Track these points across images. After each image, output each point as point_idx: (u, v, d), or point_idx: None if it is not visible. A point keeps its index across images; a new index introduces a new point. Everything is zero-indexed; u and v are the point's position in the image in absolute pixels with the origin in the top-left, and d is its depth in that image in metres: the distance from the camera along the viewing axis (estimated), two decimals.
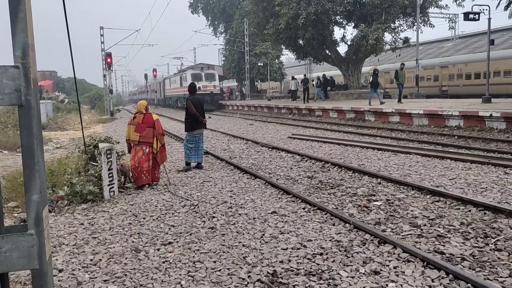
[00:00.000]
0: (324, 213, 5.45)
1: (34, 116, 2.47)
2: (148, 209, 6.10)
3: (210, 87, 36.83)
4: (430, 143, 11.30)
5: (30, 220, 2.53)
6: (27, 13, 2.40)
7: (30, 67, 2.43)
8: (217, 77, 38.00)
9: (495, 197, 5.86)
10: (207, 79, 36.92)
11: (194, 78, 35.13)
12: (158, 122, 7.56)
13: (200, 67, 38.13)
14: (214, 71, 39.50)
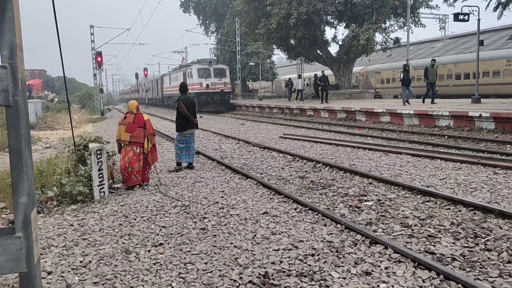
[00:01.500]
0: (316, 214, 5.45)
1: (22, 117, 2.43)
2: (138, 210, 6.05)
3: (220, 85, 32.00)
4: (420, 143, 11.37)
5: (18, 222, 2.50)
6: (14, 11, 2.36)
7: (17, 67, 2.39)
8: (227, 73, 33.18)
9: (485, 197, 5.90)
10: (217, 76, 32.06)
11: (202, 74, 31.54)
12: (149, 122, 7.50)
13: (208, 61, 33.05)
14: (225, 66, 34.52)
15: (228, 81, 32.73)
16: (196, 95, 30.26)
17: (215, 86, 31.60)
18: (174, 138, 13.58)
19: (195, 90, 30.74)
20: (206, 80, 31.29)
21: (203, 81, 31.15)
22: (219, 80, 31.97)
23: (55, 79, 63.93)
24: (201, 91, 31.04)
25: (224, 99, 32.00)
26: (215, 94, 31.43)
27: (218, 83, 31.83)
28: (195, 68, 32.04)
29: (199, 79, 31.22)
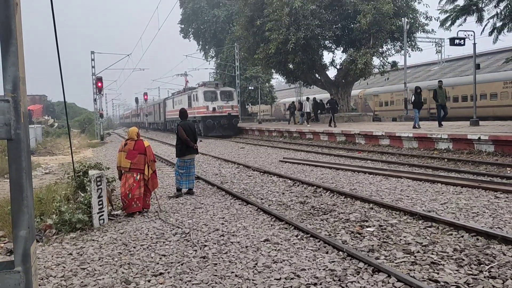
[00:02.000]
0: (317, 241, 5.40)
1: (23, 150, 2.43)
2: (138, 237, 5.99)
3: (227, 108, 30.46)
4: (420, 167, 11.36)
5: (17, 256, 2.47)
6: (18, 46, 2.39)
7: (20, 100, 2.41)
8: (235, 96, 32.12)
9: (487, 222, 5.86)
10: (224, 99, 30.67)
11: (208, 96, 30.15)
12: (149, 149, 7.51)
13: (214, 84, 31.61)
14: (232, 89, 33.12)
15: (235, 104, 31.51)
16: (202, 119, 29.70)
17: (222, 110, 30.19)
18: (174, 163, 13.58)
19: (201, 114, 30.06)
20: (213, 103, 30.06)
21: (209, 104, 30.01)
22: (226, 103, 30.62)
23: (55, 104, 64.37)
24: (207, 114, 29.91)
25: (231, 122, 30.42)
26: (222, 117, 30.03)
27: (225, 106, 30.43)
28: (201, 91, 30.64)
29: (205, 102, 30.09)
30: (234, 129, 30.99)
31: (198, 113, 30.41)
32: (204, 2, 41.67)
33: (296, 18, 23.82)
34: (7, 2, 2.30)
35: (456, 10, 14.07)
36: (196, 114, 30.86)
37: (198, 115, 30.57)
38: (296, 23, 24.00)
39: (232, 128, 30.74)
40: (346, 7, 24.27)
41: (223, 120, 30.00)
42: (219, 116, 29.93)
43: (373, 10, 22.77)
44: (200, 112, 30.20)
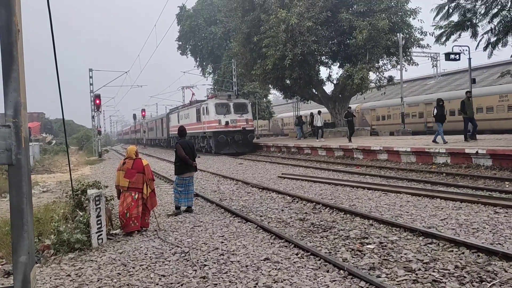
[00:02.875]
0: (318, 259, 5.37)
1: (24, 175, 2.44)
2: (137, 257, 5.95)
3: (242, 122, 27.49)
4: (419, 181, 11.37)
5: (17, 283, 2.45)
6: (20, 72, 2.41)
7: (21, 125, 2.42)
8: (250, 108, 28.76)
9: (487, 238, 5.85)
10: (237, 112, 27.61)
11: (220, 109, 27.31)
12: (148, 168, 7.50)
13: (226, 95, 28.50)
14: (246, 101, 30.30)
15: (250, 118, 28.27)
16: (214, 134, 27.12)
17: (235, 124, 27.29)
18: (172, 180, 13.54)
19: (212, 129, 27.31)
20: (225, 117, 27.18)
21: (221, 118, 27.11)
22: (240, 116, 27.62)
23: (53, 121, 64.45)
24: (219, 129, 26.99)
25: (246, 138, 27.47)
26: (236, 133, 27.12)
27: (239, 120, 27.48)
28: (212, 103, 27.66)
29: (217, 116, 27.17)
30: (249, 146, 28.06)
31: (209, 128, 27.72)
32: (201, 19, 42.13)
33: (292, 34, 24.06)
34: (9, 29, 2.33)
35: (451, 26, 14.26)
36: (207, 129, 28.21)
37: (208, 130, 27.92)
38: (293, 40, 24.23)
39: (247, 144, 27.81)
40: (342, 23, 24.54)
41: (237, 136, 27.13)
42: (232, 131, 27.13)
43: (369, 26, 23.03)
44: (211, 127, 27.49)
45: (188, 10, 44.12)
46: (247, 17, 27.91)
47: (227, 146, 26.94)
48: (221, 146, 26.86)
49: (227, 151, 26.78)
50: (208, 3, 42.67)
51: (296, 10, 23.60)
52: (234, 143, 27.16)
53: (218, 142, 26.76)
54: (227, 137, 26.84)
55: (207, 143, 29.15)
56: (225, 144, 26.87)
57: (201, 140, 30.37)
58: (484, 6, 13.48)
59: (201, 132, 29.24)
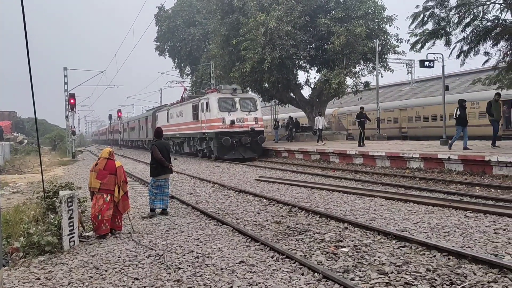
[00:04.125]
0: (293, 262, 5.38)
1: None
2: (110, 260, 5.84)
3: (250, 121, 23.18)
4: (393, 186, 11.56)
5: None
6: None
7: None
8: (259, 105, 24.53)
9: (458, 242, 5.99)
10: (245, 108, 23.46)
11: (224, 106, 23.02)
12: (121, 169, 7.37)
13: (231, 89, 23.97)
14: (254, 96, 26.26)
15: (259, 116, 23.86)
16: (216, 136, 22.57)
17: (242, 123, 22.95)
18: (148, 182, 13.38)
19: (214, 129, 22.75)
20: (230, 115, 22.82)
21: (226, 116, 22.74)
22: (248, 114, 23.30)
23: (25, 120, 62.84)
24: (223, 130, 22.51)
25: (256, 141, 22.94)
26: (244, 134, 22.69)
27: (246, 118, 23.15)
28: (214, 98, 23.19)
29: (220, 114, 22.80)
30: (258, 150, 23.61)
31: (210, 128, 23.18)
32: (180, 20, 41.84)
33: (271, 38, 24.17)
34: None
35: (426, 34, 14.59)
36: (207, 129, 23.64)
37: (209, 131, 23.36)
38: (272, 43, 24.34)
39: (256, 148, 23.37)
40: (320, 28, 24.80)
41: (245, 138, 22.55)
42: (239, 132, 22.69)
43: (346, 32, 23.35)
44: (212, 127, 22.94)
45: (167, 11, 43.75)
46: (226, 20, 27.89)
47: (232, 150, 22.58)
48: (224, 150, 22.56)
49: (232, 157, 22.57)
50: (187, 4, 42.42)
51: (275, 14, 23.73)
52: (241, 147, 22.72)
53: (221, 146, 22.36)
54: (232, 140, 22.28)
55: (206, 146, 24.79)
56: (230, 147, 22.44)
57: (198, 143, 26.01)
58: (457, 15, 13.86)
59: (199, 133, 24.77)
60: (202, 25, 40.26)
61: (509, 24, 13.20)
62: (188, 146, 27.95)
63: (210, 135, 23.38)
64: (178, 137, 29.84)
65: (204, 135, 24.24)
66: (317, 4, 25.61)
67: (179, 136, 29.29)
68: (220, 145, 22.28)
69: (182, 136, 28.76)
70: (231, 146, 22.29)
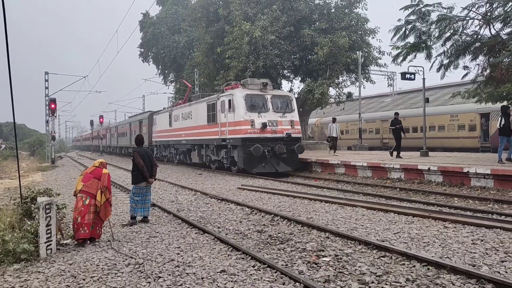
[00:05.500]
0: (274, 271, 5.37)
1: None
2: (88, 268, 5.72)
3: (285, 126, 18.56)
4: (374, 196, 11.67)
5: None
6: None
7: None
8: (295, 105, 19.82)
9: (437, 252, 6.06)
10: (278, 109, 18.86)
11: (252, 104, 18.35)
12: (105, 176, 7.28)
13: (260, 84, 19.35)
14: (290, 94, 21.96)
15: (296, 119, 19.25)
16: (242, 143, 17.72)
17: (275, 128, 18.23)
18: (129, 189, 13.21)
19: (240, 134, 17.87)
20: (261, 117, 18.12)
21: (255, 118, 18.02)
22: (283, 116, 18.69)
23: (3, 124, 61.55)
24: (252, 135, 17.75)
25: (293, 150, 18.28)
26: (277, 141, 18.02)
27: (280, 121, 18.48)
28: (240, 95, 18.37)
29: (248, 114, 18.02)
30: (294, 162, 18.72)
31: (234, 132, 18.30)
32: (165, 27, 41.75)
33: (255, 47, 24.29)
34: None
35: (407, 47, 14.86)
36: (229, 134, 18.67)
37: (232, 137, 18.41)
38: (256, 52, 24.47)
39: (292, 159, 18.53)
40: (304, 39, 25.04)
41: (280, 147, 17.81)
42: (271, 139, 18.02)
43: (330, 43, 23.63)
44: (237, 131, 18.06)
45: (152, 18, 43.65)
46: (211, 28, 27.95)
47: (264, 161, 17.83)
48: (253, 162, 17.76)
49: (261, 170, 17.86)
50: (172, 11, 42.40)
51: (260, 24, 23.89)
52: (274, 158, 18.05)
53: (249, 156, 17.62)
54: (264, 148, 17.56)
55: (226, 156, 19.60)
56: (261, 158, 17.71)
57: (214, 152, 20.81)
58: (438, 29, 14.17)
59: (216, 139, 19.84)
60: (187, 32, 40.27)
61: (488, 39, 13.56)
62: (199, 155, 22.77)
63: (234, 141, 18.36)
64: (184, 144, 25.01)
65: (224, 141, 19.13)
66: (301, 15, 25.88)
67: (186, 143, 24.37)
68: (248, 155, 17.61)
69: (190, 143, 23.71)
70: (262, 156, 17.61)
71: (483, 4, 13.53)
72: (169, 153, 28.96)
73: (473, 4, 13.65)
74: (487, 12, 13.50)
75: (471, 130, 26.28)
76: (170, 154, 28.83)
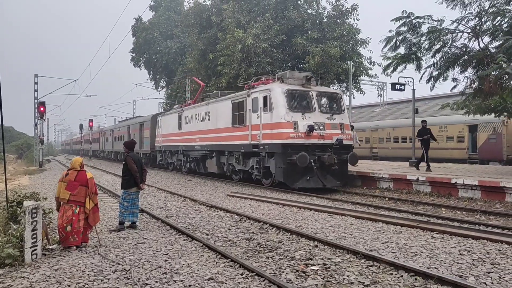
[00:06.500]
0: (262, 280, 5.35)
1: None
2: (74, 274, 5.65)
3: (334, 130, 15.30)
4: (363, 205, 11.72)
5: None
6: None
7: None
8: (344, 104, 16.86)
9: (425, 262, 6.09)
10: (326, 109, 15.75)
11: (294, 102, 15.16)
12: (92, 181, 7.21)
13: (303, 78, 16.04)
14: (337, 91, 18.51)
15: (346, 122, 16.02)
16: (283, 149, 14.42)
17: (324, 132, 14.88)
18: (117, 194, 13.11)
19: (281, 139, 14.48)
20: (305, 118, 14.82)
21: (298, 119, 14.72)
22: (330, 118, 15.34)
23: None
24: (295, 141, 14.48)
25: (344, 161, 15.12)
26: (326, 148, 14.81)
27: (328, 124, 15.15)
28: (279, 90, 15.01)
29: (290, 115, 14.64)
30: (343, 175, 15.50)
31: (269, 137, 14.99)
32: (157, 32, 41.74)
33: (248, 54, 24.38)
34: None
35: (398, 58, 15.01)
36: (263, 139, 15.32)
37: (267, 142, 15.09)
38: (248, 60, 24.55)
39: (342, 172, 15.32)
40: (296, 47, 25.19)
41: (330, 156, 14.48)
42: (318, 146, 14.77)
43: (322, 52, 23.79)
44: (276, 135, 14.70)
45: (144, 23, 43.62)
46: (204, 34, 28.01)
47: (308, 174, 14.51)
48: (295, 175, 14.52)
49: (306, 185, 14.55)
50: (165, 17, 42.43)
51: (253, 31, 24.00)
52: (323, 169, 14.73)
53: (290, 167, 14.43)
54: (311, 157, 14.16)
55: (258, 167, 16.13)
56: (303, 170, 14.38)
57: (240, 161, 17.37)
58: (428, 41, 14.35)
59: (244, 144, 16.45)
60: (180, 38, 40.30)
61: (476, 52, 13.77)
62: (217, 164, 19.28)
63: (270, 148, 14.96)
64: (198, 151, 21.36)
65: (255, 148, 15.80)
66: (294, 24, 26.05)
67: (201, 148, 20.81)
68: (289, 165, 14.39)
69: (206, 149, 20.19)
70: (307, 168, 14.28)
71: (473, 18, 13.76)
72: (176, 160, 25.26)
73: (463, 17, 13.88)
74: (476, 26, 13.72)
75: (459, 141, 26.58)
76: (178, 161, 25.06)
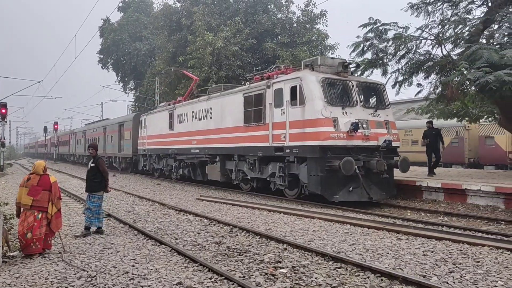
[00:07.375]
0: (231, 283, 5.33)
1: None
2: (36, 282, 5.46)
3: (380, 129, 12.35)
4: (331, 208, 11.86)
5: None
6: None
7: None
8: (388, 98, 13.59)
9: (390, 263, 6.23)
10: (369, 104, 12.83)
11: (332, 96, 12.05)
12: (56, 185, 7.00)
13: (338, 65, 12.93)
14: (380, 81, 14.06)
15: (392, 119, 13.14)
16: (321, 153, 11.53)
17: (368, 132, 12.05)
18: (82, 199, 12.80)
19: (318, 140, 11.56)
20: (347, 114, 11.98)
21: (339, 115, 11.84)
22: (374, 114, 12.53)
23: None
24: (336, 143, 11.60)
25: (392, 167, 12.60)
26: (373, 152, 12.11)
27: (373, 122, 12.34)
28: (314, 79, 12.09)
29: (329, 110, 11.73)
30: (391, 186, 12.67)
31: (299, 137, 12.18)
32: (126, 34, 41.12)
33: (218, 57, 24.39)
34: None
35: (365, 63, 15.33)
36: (290, 140, 12.50)
37: (297, 144, 12.26)
38: (218, 63, 24.56)
39: (388, 181, 12.48)
40: (266, 51, 25.39)
41: (380, 162, 11.75)
42: (363, 149, 12.00)
43: (291, 56, 24.08)
44: (309, 135, 11.88)
45: (112, 24, 42.88)
46: (174, 37, 27.83)
47: (351, 184, 11.64)
48: (335, 185, 11.67)
49: (347, 198, 11.72)
50: (134, 18, 41.85)
51: (223, 35, 24.04)
52: (369, 177, 11.88)
53: (329, 175, 11.60)
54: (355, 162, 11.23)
55: (281, 174, 13.14)
56: (346, 179, 11.52)
57: (255, 167, 14.44)
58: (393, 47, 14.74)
59: (263, 147, 13.59)
60: (149, 40, 39.85)
61: (439, 59, 14.23)
62: (221, 170, 16.34)
63: (304, 151, 12.03)
64: (196, 155, 18.09)
65: (280, 151, 12.86)
66: (264, 28, 26.25)
67: (200, 152, 17.62)
68: (328, 173, 11.55)
69: (208, 152, 17.04)
70: (351, 177, 11.38)
71: (436, 25, 14.25)
72: (165, 165, 21.58)
73: (426, 25, 14.34)
74: (439, 33, 14.21)
75: None
76: (167, 167, 21.41)
